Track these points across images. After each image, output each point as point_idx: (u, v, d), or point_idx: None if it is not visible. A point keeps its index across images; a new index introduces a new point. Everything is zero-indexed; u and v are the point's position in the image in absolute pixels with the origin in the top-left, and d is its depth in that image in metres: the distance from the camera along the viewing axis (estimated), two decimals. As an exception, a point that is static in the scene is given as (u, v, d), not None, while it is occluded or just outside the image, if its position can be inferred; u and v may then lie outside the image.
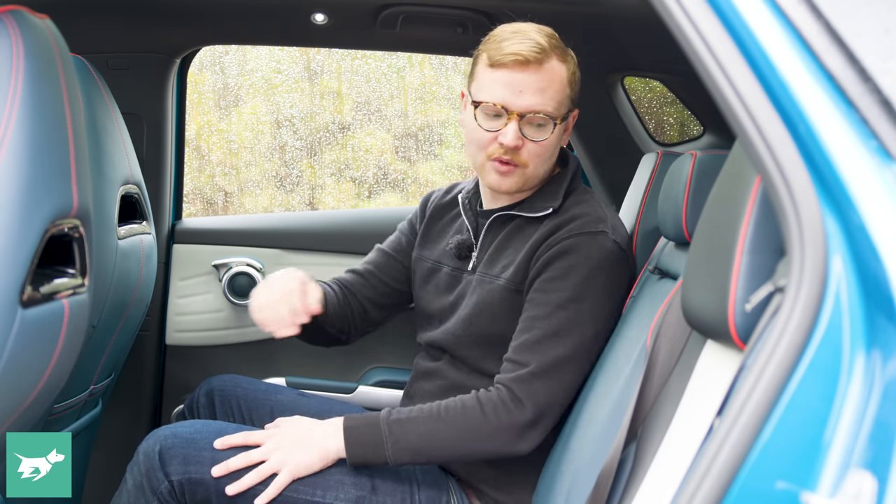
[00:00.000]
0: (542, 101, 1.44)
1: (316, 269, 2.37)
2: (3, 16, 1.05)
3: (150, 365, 2.31)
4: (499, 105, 1.44)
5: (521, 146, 1.46)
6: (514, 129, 1.44)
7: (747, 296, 0.82)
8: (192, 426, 1.44)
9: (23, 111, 1.02)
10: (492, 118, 1.46)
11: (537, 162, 1.48)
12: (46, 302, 1.08)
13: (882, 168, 0.69)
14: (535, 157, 1.48)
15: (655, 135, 2.45)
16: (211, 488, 1.35)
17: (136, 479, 1.38)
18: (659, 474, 0.97)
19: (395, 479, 1.43)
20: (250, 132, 3.89)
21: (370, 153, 3.90)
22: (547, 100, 1.45)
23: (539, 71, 1.44)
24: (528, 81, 1.43)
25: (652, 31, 1.25)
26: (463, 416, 1.38)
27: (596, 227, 1.45)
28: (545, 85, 1.44)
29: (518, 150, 1.46)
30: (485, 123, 1.47)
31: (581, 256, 1.42)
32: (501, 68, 1.44)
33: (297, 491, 1.36)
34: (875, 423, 0.64)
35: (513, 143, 1.44)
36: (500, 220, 1.56)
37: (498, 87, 1.44)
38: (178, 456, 1.37)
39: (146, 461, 1.37)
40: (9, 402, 1.09)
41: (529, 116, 1.44)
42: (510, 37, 1.45)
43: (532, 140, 1.46)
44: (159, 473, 1.36)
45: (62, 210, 1.09)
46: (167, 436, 1.40)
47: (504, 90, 1.44)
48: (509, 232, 1.54)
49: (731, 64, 0.74)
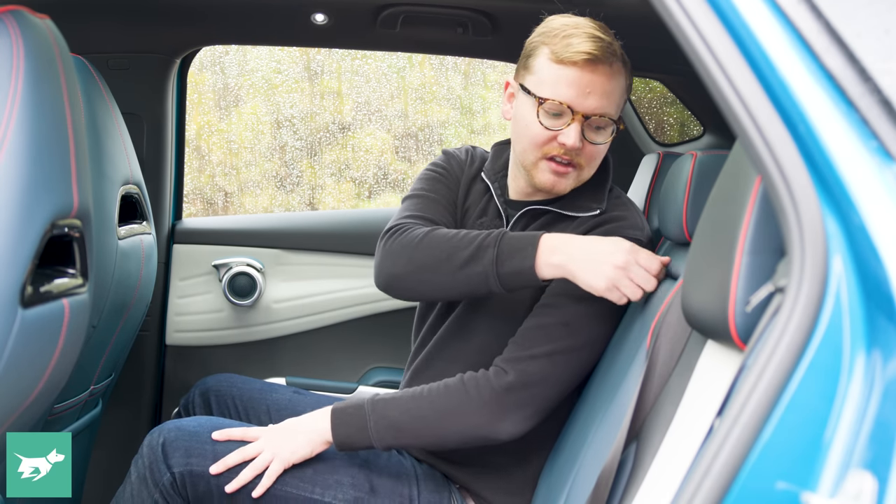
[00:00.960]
0: (607, 104, 1.41)
1: (316, 269, 2.37)
2: (4, 16, 1.05)
3: (150, 365, 2.31)
4: (565, 104, 1.39)
5: (581, 148, 1.42)
6: (577, 130, 1.40)
7: (747, 296, 0.82)
8: (197, 420, 1.46)
9: (23, 111, 1.02)
10: (553, 117, 1.41)
11: (591, 164, 1.46)
12: (46, 302, 1.08)
13: (882, 168, 0.69)
14: (591, 159, 1.45)
15: (655, 135, 2.45)
16: (212, 481, 1.37)
17: (139, 471, 1.40)
18: (659, 474, 0.97)
19: (395, 481, 1.43)
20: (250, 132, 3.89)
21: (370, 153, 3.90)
22: (611, 103, 1.42)
23: (607, 73, 1.40)
24: (597, 83, 1.39)
25: (652, 31, 1.25)
26: (445, 394, 1.38)
27: (633, 233, 1.43)
28: (612, 88, 1.41)
29: (579, 151, 1.43)
30: (546, 121, 1.41)
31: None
32: (570, 66, 1.38)
33: (298, 487, 1.37)
34: (875, 423, 0.64)
35: (574, 144, 1.40)
36: (531, 213, 1.53)
37: (564, 86, 1.39)
38: (180, 448, 1.38)
39: (150, 453, 1.39)
40: (9, 402, 1.09)
41: (593, 119, 1.41)
42: (574, 32, 1.40)
43: (592, 143, 1.43)
44: (162, 465, 1.37)
45: (62, 210, 1.09)
46: (171, 429, 1.42)
47: (571, 89, 1.39)
48: (540, 226, 1.51)
49: (731, 64, 0.74)
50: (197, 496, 1.38)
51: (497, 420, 1.36)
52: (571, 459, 1.33)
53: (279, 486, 1.38)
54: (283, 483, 1.38)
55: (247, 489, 1.37)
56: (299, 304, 2.35)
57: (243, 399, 1.72)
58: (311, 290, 2.35)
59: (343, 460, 1.44)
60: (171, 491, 1.37)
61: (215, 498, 1.37)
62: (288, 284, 2.35)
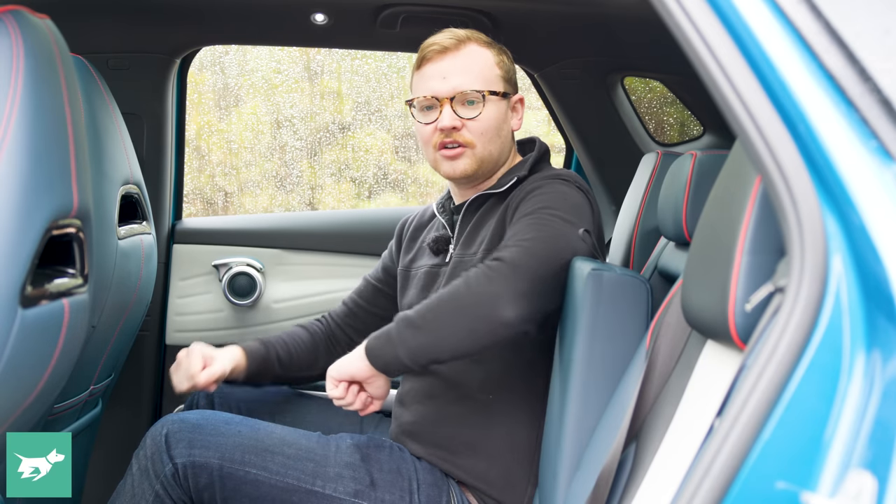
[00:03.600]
0: (468, 81, 1.51)
1: (316, 269, 2.37)
2: (3, 16, 1.05)
3: (150, 365, 2.31)
4: (429, 96, 1.51)
5: (459, 127, 1.51)
6: (448, 111, 1.50)
7: (747, 296, 0.82)
8: (201, 414, 1.48)
9: (23, 111, 1.02)
10: (427, 111, 1.53)
11: (483, 140, 1.52)
12: (46, 302, 1.08)
13: (882, 168, 0.69)
14: (479, 134, 1.52)
15: (655, 135, 2.45)
16: (214, 472, 1.38)
17: (141, 463, 1.41)
18: (659, 474, 0.97)
19: (395, 475, 1.44)
20: (250, 132, 3.88)
21: (370, 153, 3.90)
22: (473, 78, 1.51)
23: (459, 56, 1.52)
24: (451, 66, 1.51)
25: (652, 31, 1.25)
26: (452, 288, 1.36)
27: (559, 173, 1.51)
28: (469, 65, 1.52)
29: (458, 130, 1.51)
30: (423, 118, 1.53)
31: (548, 189, 1.46)
32: (425, 65, 1.53)
33: (299, 480, 1.39)
34: (875, 422, 0.64)
35: (448, 123, 1.50)
36: (472, 206, 1.60)
37: (425, 81, 1.53)
38: (183, 440, 1.40)
39: (153, 445, 1.41)
40: (9, 402, 1.09)
41: (458, 96, 1.51)
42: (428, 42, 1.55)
43: (468, 119, 1.51)
44: (164, 456, 1.39)
45: (62, 210, 1.09)
46: (175, 420, 1.44)
47: (431, 82, 1.52)
48: (482, 213, 1.57)
49: (731, 64, 0.74)
50: (198, 488, 1.39)
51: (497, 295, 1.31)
52: (571, 458, 1.33)
53: (280, 478, 1.39)
54: (285, 475, 1.39)
55: (249, 479, 1.38)
56: (299, 304, 2.35)
57: (247, 401, 1.73)
58: (311, 290, 2.35)
59: (344, 454, 1.45)
60: (171, 482, 1.38)
61: (217, 490, 1.39)
62: (288, 284, 2.35)
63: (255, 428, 1.47)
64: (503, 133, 1.56)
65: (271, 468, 1.40)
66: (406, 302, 1.67)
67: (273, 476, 1.39)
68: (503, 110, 1.55)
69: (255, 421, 1.50)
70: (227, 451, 1.40)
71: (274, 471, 1.40)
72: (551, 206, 1.42)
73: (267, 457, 1.41)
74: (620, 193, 2.23)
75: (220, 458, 1.40)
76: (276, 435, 1.46)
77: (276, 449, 1.42)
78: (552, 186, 1.48)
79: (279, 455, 1.42)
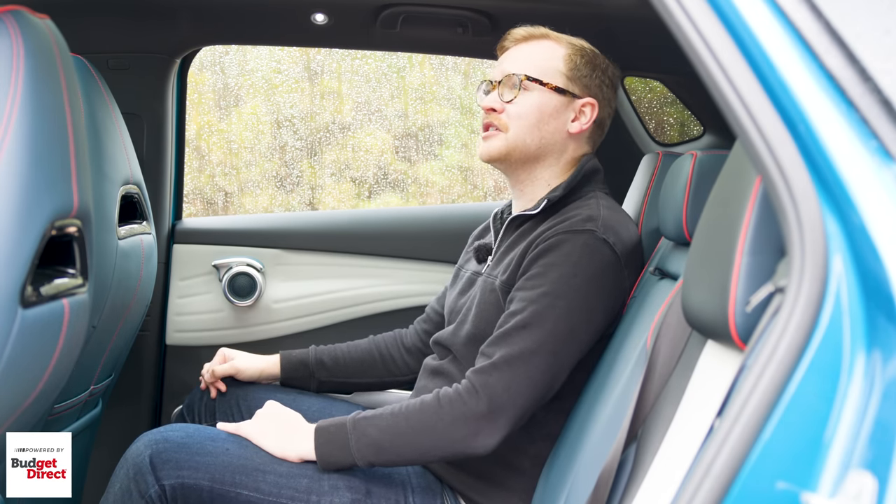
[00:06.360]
0: (520, 66, 1.52)
1: (316, 269, 2.37)
2: (3, 16, 1.05)
3: (150, 365, 2.31)
4: (487, 79, 1.56)
5: (499, 110, 1.51)
6: (493, 94, 1.52)
7: (747, 296, 0.82)
8: (184, 430, 1.42)
9: (23, 111, 1.02)
10: (484, 96, 1.56)
11: (517, 125, 1.50)
12: (46, 302, 1.08)
13: (882, 168, 0.69)
14: (514, 118, 1.51)
15: (655, 135, 2.45)
16: (204, 494, 1.33)
17: (122, 483, 1.36)
18: (659, 475, 0.97)
19: (389, 484, 1.43)
20: (250, 132, 3.88)
21: (370, 153, 3.90)
22: (519, 64, 1.52)
23: (524, 47, 1.54)
24: (514, 55, 1.54)
25: (652, 31, 1.25)
26: (420, 410, 1.35)
27: (583, 226, 1.40)
28: (529, 54, 1.53)
29: (497, 112, 1.51)
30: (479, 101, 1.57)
31: (561, 254, 1.38)
32: (499, 53, 1.58)
33: (293, 498, 1.35)
34: (875, 423, 0.64)
35: (488, 104, 1.51)
36: (514, 223, 1.57)
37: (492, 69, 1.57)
38: (170, 461, 1.34)
39: (135, 465, 1.35)
40: (9, 402, 1.09)
41: (505, 80, 1.51)
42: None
43: (506, 101, 1.51)
44: (149, 477, 1.33)
45: (62, 210, 1.09)
46: (158, 440, 1.38)
47: (493, 69, 1.56)
48: (519, 234, 1.54)
49: (731, 64, 0.74)
50: None
51: (472, 437, 1.33)
52: (571, 460, 1.33)
53: (273, 498, 1.35)
54: (278, 495, 1.35)
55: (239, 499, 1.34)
56: (299, 304, 2.35)
57: (247, 399, 1.72)
58: (311, 290, 2.35)
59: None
60: (158, 503, 1.34)
61: None
62: (288, 284, 2.35)
63: (243, 445, 1.41)
64: (547, 128, 1.50)
65: (263, 489, 1.35)
66: (449, 301, 1.68)
67: (266, 497, 1.35)
68: (552, 104, 1.49)
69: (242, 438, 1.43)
70: (216, 471, 1.35)
71: (266, 491, 1.35)
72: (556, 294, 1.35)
73: (258, 476, 1.36)
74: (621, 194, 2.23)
75: (209, 479, 1.34)
76: (266, 452, 1.40)
77: (266, 468, 1.37)
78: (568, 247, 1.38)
79: (270, 474, 1.37)
